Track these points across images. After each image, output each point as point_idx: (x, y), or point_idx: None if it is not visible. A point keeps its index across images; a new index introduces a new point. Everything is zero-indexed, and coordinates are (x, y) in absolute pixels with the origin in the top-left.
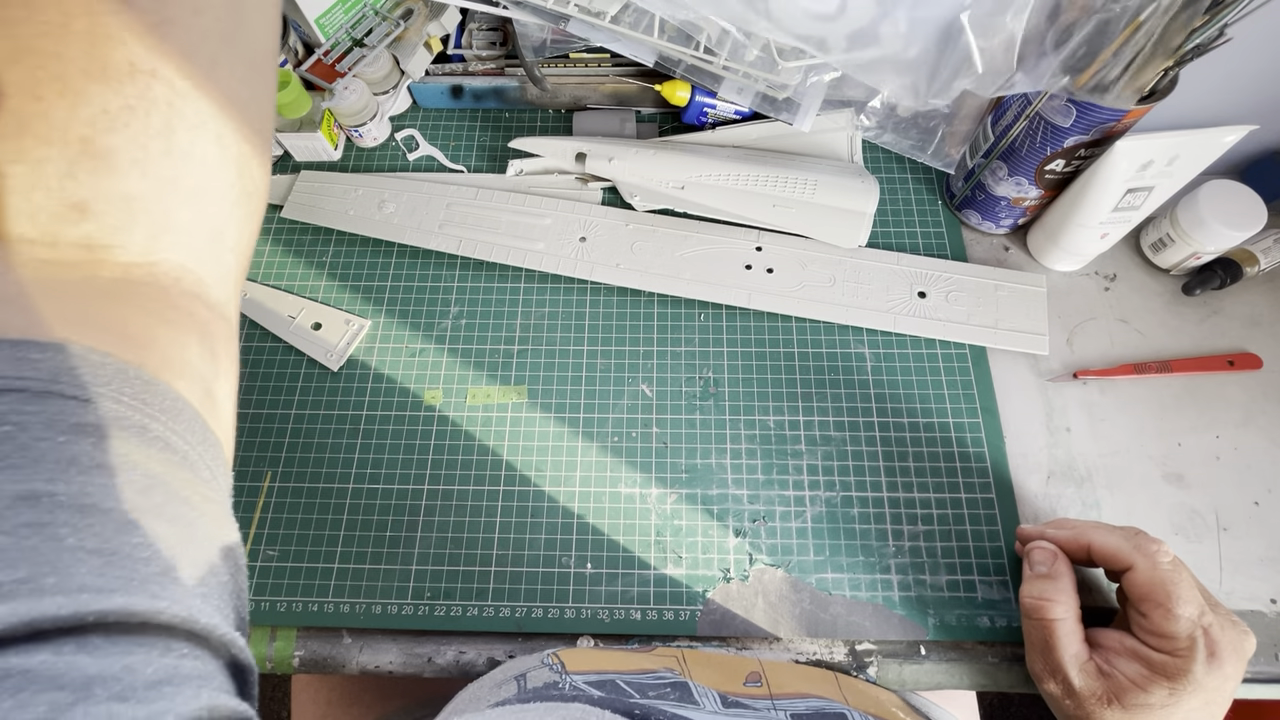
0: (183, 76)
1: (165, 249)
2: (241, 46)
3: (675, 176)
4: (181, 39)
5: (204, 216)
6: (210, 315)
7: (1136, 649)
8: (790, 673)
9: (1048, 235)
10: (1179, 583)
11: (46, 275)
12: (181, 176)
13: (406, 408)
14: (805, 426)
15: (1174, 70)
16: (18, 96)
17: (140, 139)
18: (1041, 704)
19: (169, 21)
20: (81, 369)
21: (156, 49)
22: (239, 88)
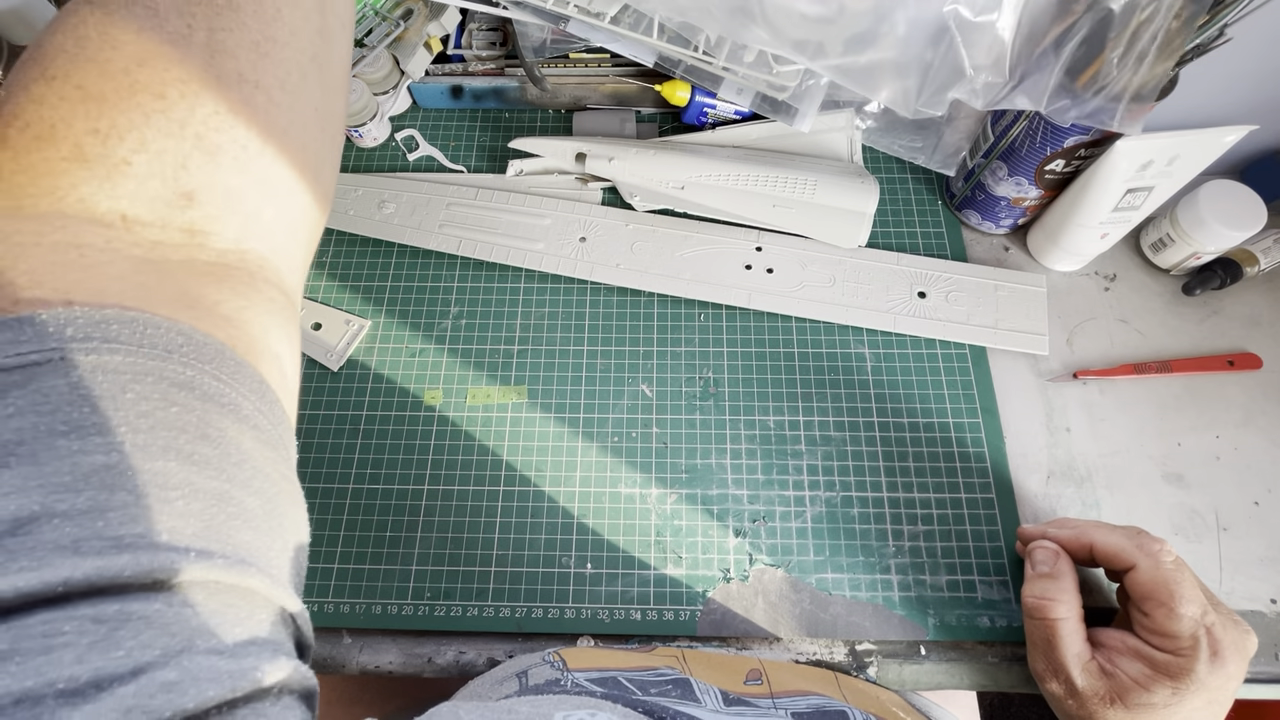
0: (279, 88)
1: (252, 239)
2: (325, 65)
3: (675, 176)
4: (280, 56)
5: (285, 212)
6: (285, 300)
7: (1139, 648)
8: (790, 671)
9: (1048, 235)
10: (1182, 582)
11: (156, 255)
12: (270, 176)
13: (406, 408)
14: (805, 426)
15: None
16: (145, 94)
17: (243, 139)
18: (1042, 704)
19: (271, 40)
20: (189, 345)
21: (259, 64)
22: (320, 100)
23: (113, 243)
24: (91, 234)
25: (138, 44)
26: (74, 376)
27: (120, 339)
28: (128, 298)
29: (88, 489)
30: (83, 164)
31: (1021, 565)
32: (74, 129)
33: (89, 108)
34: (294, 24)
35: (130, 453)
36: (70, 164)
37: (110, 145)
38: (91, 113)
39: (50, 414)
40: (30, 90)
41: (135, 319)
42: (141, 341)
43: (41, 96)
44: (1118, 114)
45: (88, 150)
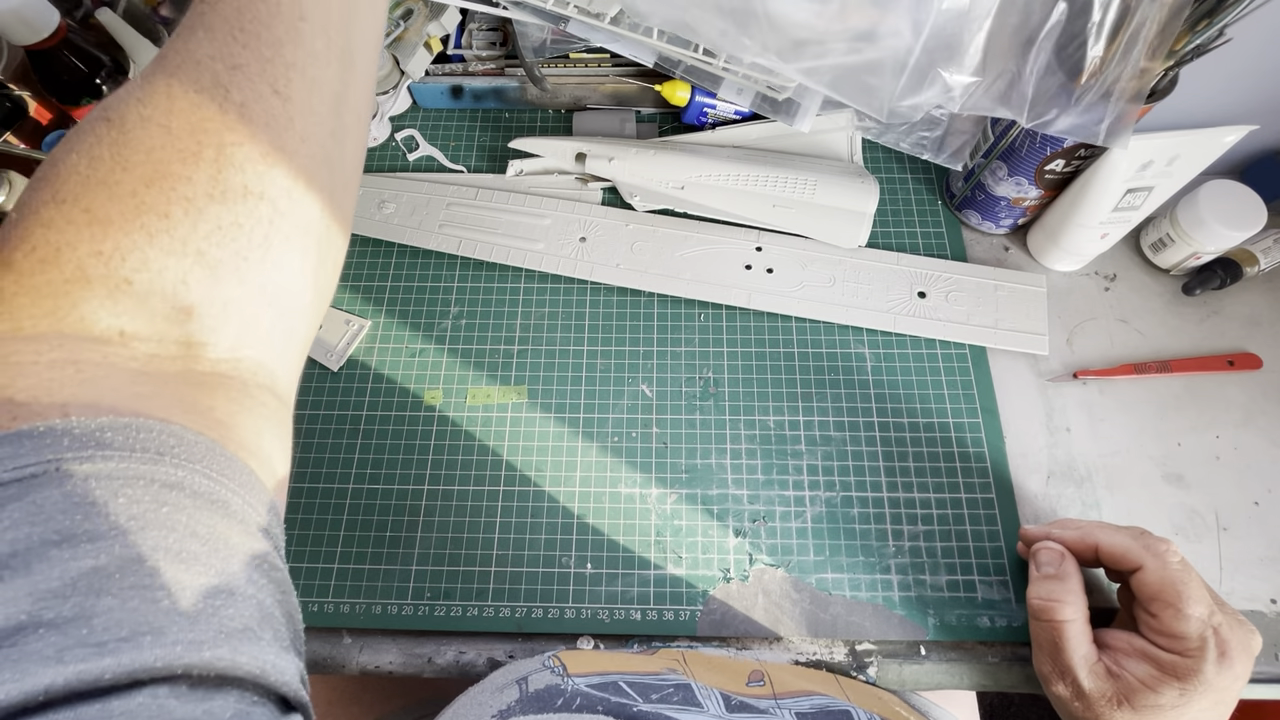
0: (285, 197)
1: (248, 346)
2: (337, 168)
3: (675, 176)
4: (288, 165)
5: (282, 317)
6: (278, 404)
7: (1146, 649)
8: (792, 673)
9: (1048, 235)
10: (1189, 583)
11: (152, 368)
12: (270, 284)
13: (406, 408)
14: (805, 426)
15: (1174, 70)
16: (150, 214)
17: (243, 251)
18: (1042, 704)
19: (280, 150)
20: (180, 446)
21: (267, 175)
22: (328, 201)
23: (110, 357)
24: (89, 350)
25: (148, 164)
26: (68, 486)
27: (113, 445)
28: (122, 406)
29: (75, 595)
30: (85, 285)
31: (1022, 566)
32: (78, 251)
33: (94, 230)
34: (306, 130)
35: (120, 555)
36: (72, 285)
37: (113, 266)
38: (97, 235)
39: (44, 524)
40: (40, 214)
41: (128, 424)
42: (134, 446)
43: (50, 220)
44: (1102, 129)
45: (90, 272)
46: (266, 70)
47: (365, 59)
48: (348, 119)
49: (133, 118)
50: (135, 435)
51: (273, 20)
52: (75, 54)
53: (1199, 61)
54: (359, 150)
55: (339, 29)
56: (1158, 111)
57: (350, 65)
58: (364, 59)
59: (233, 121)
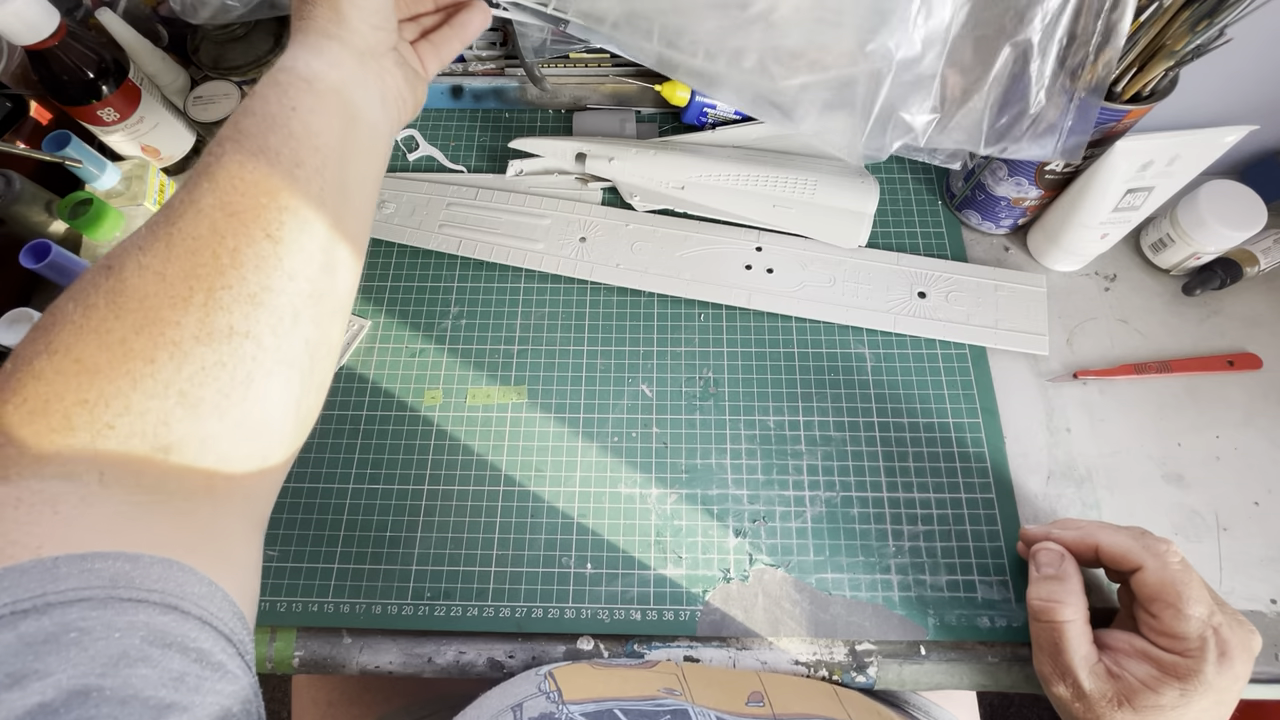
0: (270, 334)
1: (223, 478)
2: (326, 299)
3: (675, 177)
4: (275, 303)
5: (261, 446)
6: (248, 527)
7: (1146, 650)
8: (793, 690)
9: (1048, 235)
10: (1189, 583)
11: (128, 504)
12: (249, 417)
13: (406, 408)
14: (805, 426)
15: (1174, 70)
16: (137, 360)
17: (226, 389)
18: (1042, 704)
19: (267, 289)
20: (136, 574)
21: (253, 315)
22: (312, 332)
23: (87, 499)
24: (68, 492)
25: (140, 311)
26: (22, 628)
27: (69, 582)
28: (94, 543)
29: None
30: (69, 433)
31: (1022, 566)
32: (65, 402)
33: (82, 380)
34: (294, 268)
35: (67, 688)
36: (57, 434)
37: (97, 413)
38: (84, 385)
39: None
40: (33, 365)
41: (84, 558)
42: (90, 581)
43: (41, 371)
44: (1055, 146)
45: (75, 421)
46: (261, 215)
47: (362, 194)
48: (339, 252)
49: (131, 265)
50: (91, 568)
51: (271, 170)
52: (75, 54)
53: (1199, 61)
54: (351, 277)
55: (334, 171)
56: (1158, 111)
57: (345, 200)
58: (361, 194)
59: (224, 266)
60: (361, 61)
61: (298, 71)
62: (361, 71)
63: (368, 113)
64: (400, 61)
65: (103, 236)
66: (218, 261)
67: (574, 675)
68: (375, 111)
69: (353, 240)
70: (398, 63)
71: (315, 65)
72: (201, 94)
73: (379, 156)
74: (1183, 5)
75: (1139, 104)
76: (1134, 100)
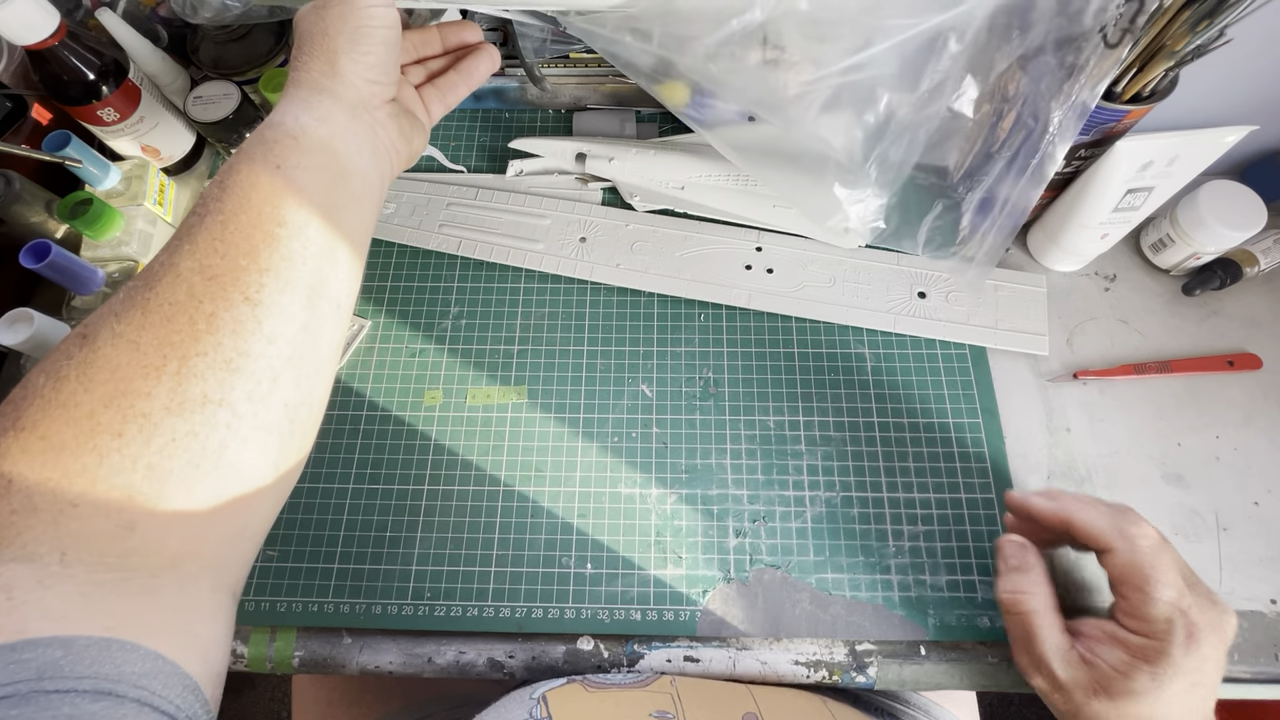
0: (246, 400)
1: (191, 552)
2: (307, 359)
3: (675, 177)
4: (252, 368)
5: (234, 517)
6: (218, 597)
7: (1115, 633)
8: (785, 709)
9: (1048, 235)
10: (1158, 565)
11: (89, 586)
12: (221, 487)
13: (406, 408)
14: (805, 426)
15: (1174, 71)
16: (104, 434)
17: (196, 459)
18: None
19: (244, 354)
20: (68, 661)
21: (228, 381)
22: (292, 394)
23: (45, 581)
24: (25, 576)
25: (110, 384)
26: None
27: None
28: (33, 629)
29: None
30: (31, 514)
31: None
32: (28, 480)
33: (48, 459)
34: (274, 330)
35: None
36: (18, 515)
37: (60, 492)
38: (49, 463)
39: None
40: (1, 442)
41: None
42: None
43: (6, 450)
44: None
45: (37, 501)
46: (240, 279)
47: (349, 250)
48: (323, 309)
49: (105, 333)
50: (16, 659)
51: (252, 230)
52: (75, 54)
53: (1199, 61)
54: (335, 336)
55: (319, 228)
56: (1158, 111)
57: (331, 257)
58: (347, 250)
59: (200, 332)
60: (353, 114)
61: (285, 127)
62: (352, 124)
63: (357, 165)
64: (396, 112)
65: (103, 236)
66: (193, 328)
67: (567, 700)
68: (365, 163)
69: (338, 295)
70: (393, 114)
71: (303, 120)
72: (201, 94)
73: (370, 208)
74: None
75: (1139, 104)
76: (1134, 100)
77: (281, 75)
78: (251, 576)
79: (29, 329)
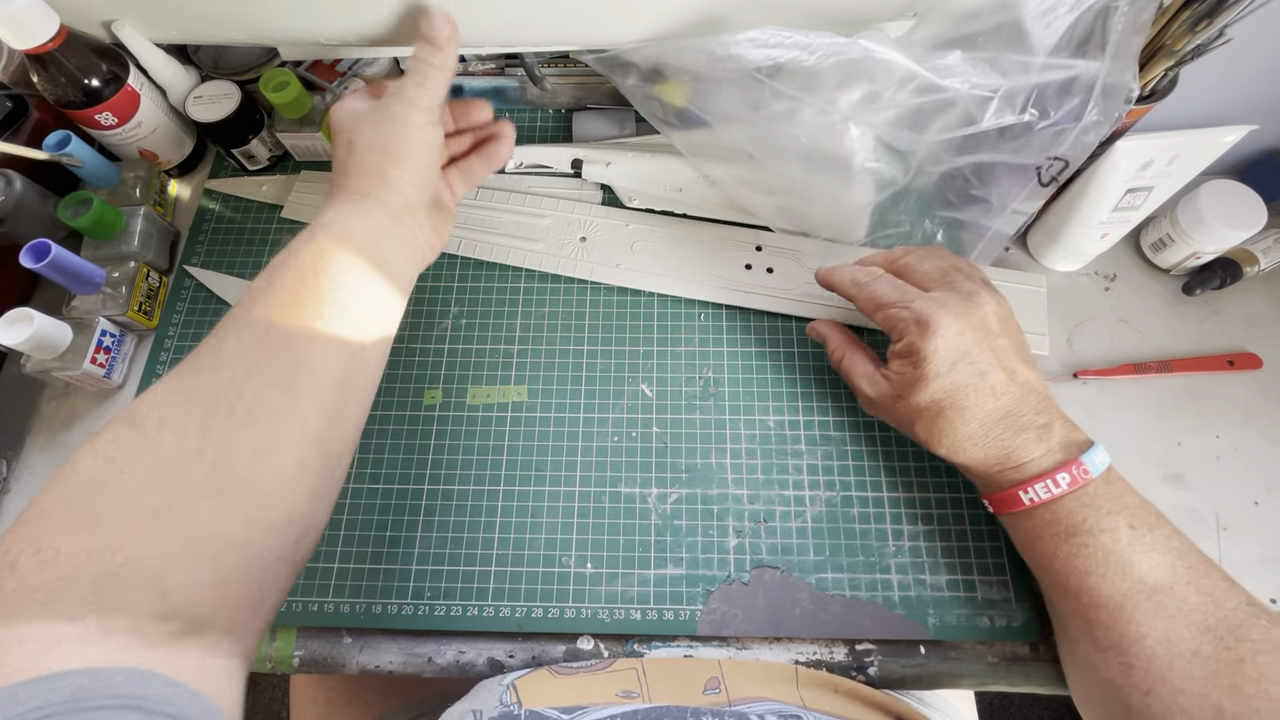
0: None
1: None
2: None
3: (672, 178)
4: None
5: (254, 590)
6: (233, 665)
7: (892, 350)
8: (749, 675)
9: (1048, 235)
10: (876, 291)
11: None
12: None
13: (406, 408)
14: (805, 426)
15: (1174, 70)
16: (146, 512)
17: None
18: (1041, 704)
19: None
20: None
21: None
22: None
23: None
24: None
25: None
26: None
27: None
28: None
29: None
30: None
31: (1023, 566)
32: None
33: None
34: (305, 418)
35: None
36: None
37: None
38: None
39: None
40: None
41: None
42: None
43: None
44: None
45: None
46: (279, 371)
47: (377, 347)
48: (349, 399)
49: (153, 421)
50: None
51: (294, 327)
52: (74, 59)
53: (1199, 61)
54: (359, 420)
55: (353, 323)
56: (1158, 111)
57: (362, 353)
58: (376, 348)
59: (240, 420)
60: (397, 218)
61: (333, 230)
62: (395, 227)
63: (394, 265)
64: (431, 209)
65: (103, 236)
66: (233, 417)
67: (534, 684)
68: (401, 262)
69: (364, 384)
70: (429, 212)
71: (351, 222)
72: (202, 94)
73: (399, 305)
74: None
75: (1139, 104)
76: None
77: (281, 75)
78: None
79: (29, 329)
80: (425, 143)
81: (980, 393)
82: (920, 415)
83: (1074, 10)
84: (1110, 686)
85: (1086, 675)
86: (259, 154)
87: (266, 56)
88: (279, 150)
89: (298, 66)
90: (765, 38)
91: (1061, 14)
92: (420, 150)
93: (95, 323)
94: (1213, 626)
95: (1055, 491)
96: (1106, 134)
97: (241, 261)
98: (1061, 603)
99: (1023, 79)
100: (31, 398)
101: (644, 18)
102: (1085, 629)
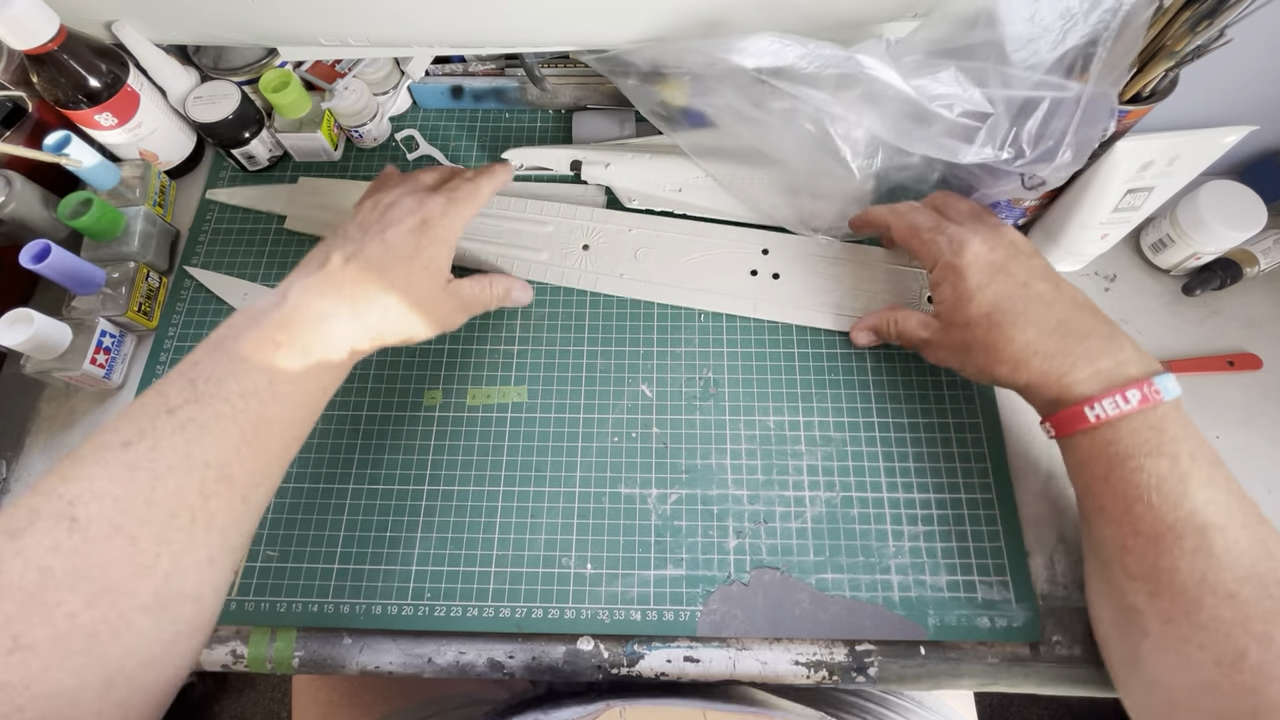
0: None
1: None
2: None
3: (672, 179)
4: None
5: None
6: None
7: (930, 279)
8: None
9: (1048, 235)
10: (913, 219)
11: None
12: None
13: (406, 408)
14: (805, 426)
15: (1174, 71)
16: (79, 636)
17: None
18: (1041, 704)
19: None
20: None
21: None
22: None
23: None
24: None
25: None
26: None
27: None
28: None
29: None
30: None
31: (1022, 566)
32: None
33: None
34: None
35: None
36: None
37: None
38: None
39: None
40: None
41: None
42: None
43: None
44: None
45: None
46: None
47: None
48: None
49: (103, 526)
50: None
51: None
52: (74, 59)
53: (1199, 62)
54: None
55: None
56: (1158, 111)
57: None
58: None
59: (199, 529)
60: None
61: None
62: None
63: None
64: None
65: (103, 237)
66: (193, 526)
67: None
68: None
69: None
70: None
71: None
72: (201, 94)
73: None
74: (1183, 5)
75: (1139, 104)
76: (1134, 100)
77: (281, 75)
78: (251, 576)
79: (29, 329)
80: (443, 326)
81: (1029, 301)
82: (974, 333)
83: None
84: (1132, 611)
85: (1111, 600)
86: (259, 154)
87: (266, 56)
88: (279, 150)
89: (298, 66)
90: (763, 46)
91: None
92: (434, 329)
93: (95, 323)
94: (1260, 574)
95: (1124, 408)
96: (1080, 166)
97: (241, 262)
98: (1103, 529)
99: (1015, 93)
100: (31, 398)
101: (644, 18)
102: (1119, 554)
